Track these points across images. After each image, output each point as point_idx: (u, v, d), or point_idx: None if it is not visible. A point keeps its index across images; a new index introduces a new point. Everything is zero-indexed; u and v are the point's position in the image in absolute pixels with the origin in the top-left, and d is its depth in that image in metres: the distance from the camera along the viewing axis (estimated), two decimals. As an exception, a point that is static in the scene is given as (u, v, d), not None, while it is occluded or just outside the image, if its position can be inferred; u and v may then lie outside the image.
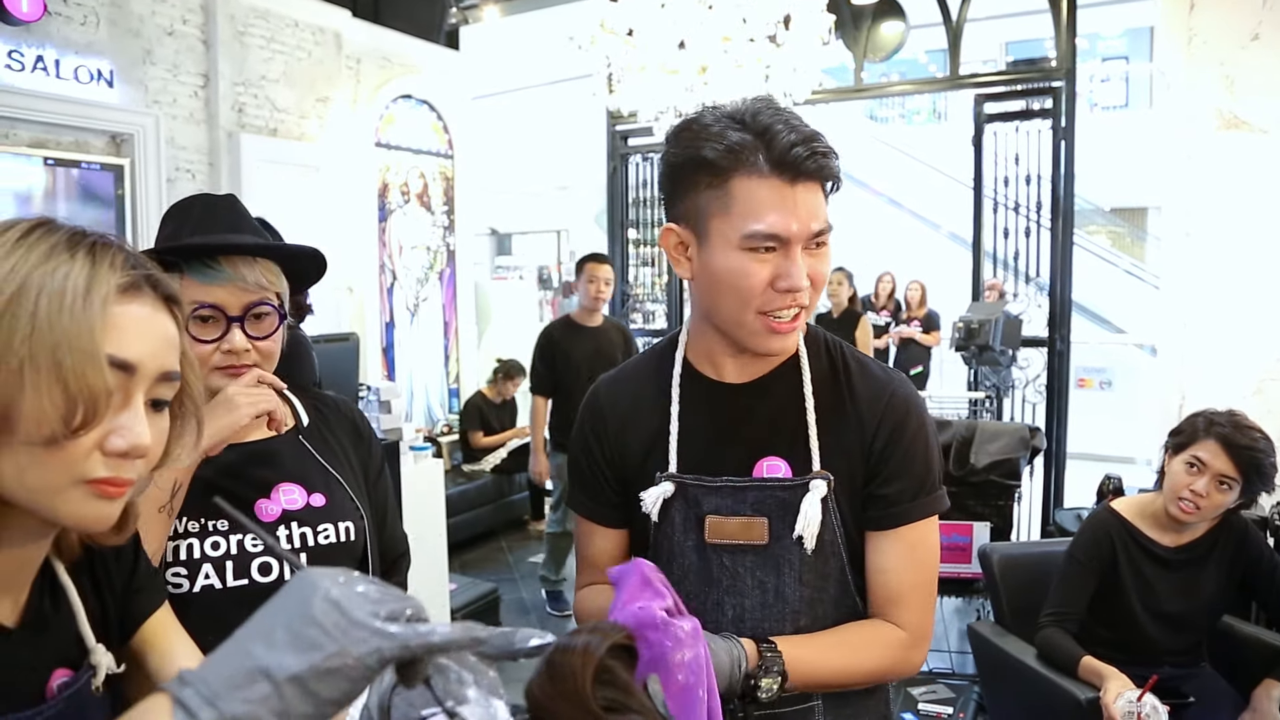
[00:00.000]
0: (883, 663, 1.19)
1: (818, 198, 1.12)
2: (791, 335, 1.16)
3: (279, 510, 1.31)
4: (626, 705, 0.61)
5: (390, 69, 5.71)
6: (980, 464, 3.22)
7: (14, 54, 3.83)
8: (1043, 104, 4.77)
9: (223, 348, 1.24)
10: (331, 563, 1.30)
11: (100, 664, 0.88)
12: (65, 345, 0.72)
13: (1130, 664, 2.19)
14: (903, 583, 1.20)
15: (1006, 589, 2.67)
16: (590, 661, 0.61)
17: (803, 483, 1.18)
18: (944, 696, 3.08)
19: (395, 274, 5.75)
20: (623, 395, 1.33)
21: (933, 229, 11.46)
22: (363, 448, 1.47)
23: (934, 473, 1.21)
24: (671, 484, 1.23)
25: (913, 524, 1.19)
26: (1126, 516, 2.40)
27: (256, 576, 1.26)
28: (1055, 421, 4.69)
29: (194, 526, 1.25)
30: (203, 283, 1.21)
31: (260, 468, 1.33)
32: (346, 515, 1.36)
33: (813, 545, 1.18)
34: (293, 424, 1.39)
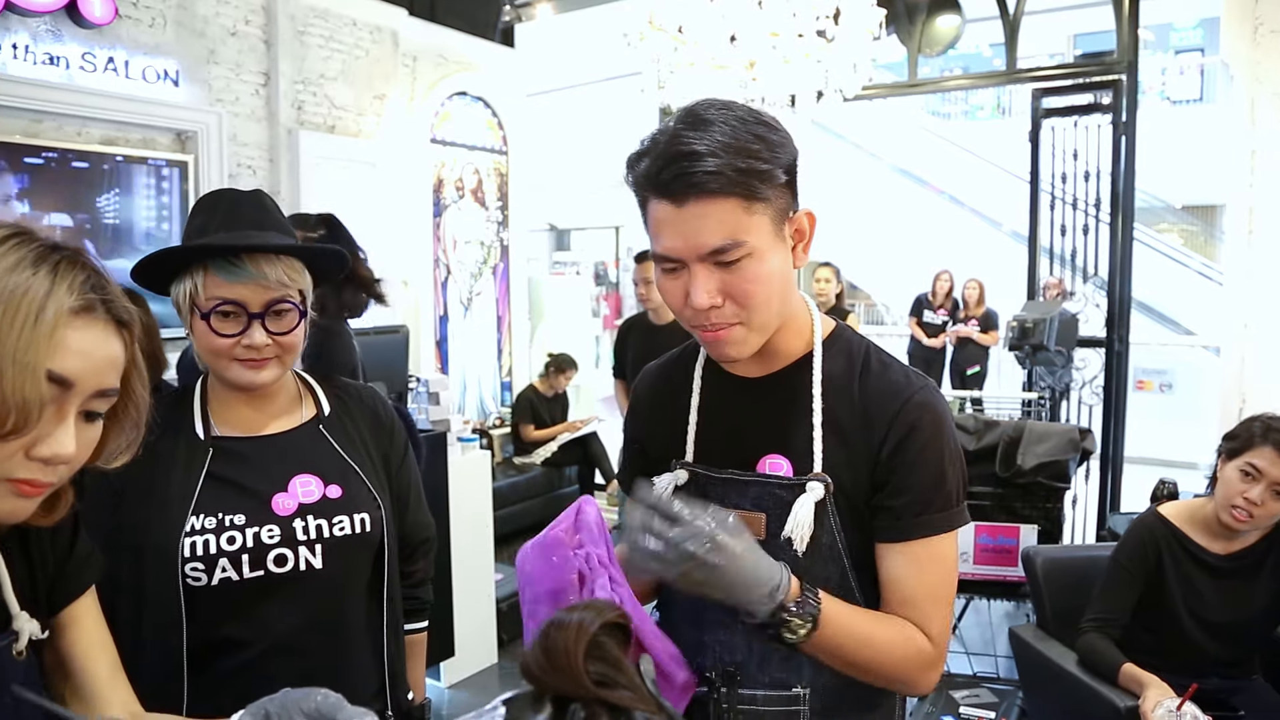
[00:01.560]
0: (902, 658, 1.14)
1: (715, 213, 1.05)
2: (729, 345, 1.13)
3: (295, 504, 1.32)
4: (616, 680, 0.63)
5: (446, 66, 5.79)
6: (1027, 465, 3.16)
7: (87, 56, 3.97)
8: (1103, 98, 4.66)
9: (243, 342, 1.26)
10: (348, 554, 1.34)
11: (23, 630, 0.93)
12: (9, 357, 0.78)
13: (1176, 673, 2.14)
14: (914, 596, 1.15)
15: (1050, 593, 2.63)
16: (583, 637, 0.64)
17: (800, 483, 1.16)
18: (987, 701, 3.03)
19: (449, 268, 5.84)
20: (655, 382, 1.37)
21: (994, 227, 11.25)
22: (383, 436, 1.48)
23: (947, 488, 1.15)
24: (685, 472, 1.25)
25: (921, 540, 1.15)
26: (1174, 522, 2.34)
27: (272, 567, 1.29)
28: (1112, 424, 4.59)
29: (210, 523, 1.27)
30: (225, 280, 1.25)
31: (277, 460, 1.35)
32: (363, 506, 1.37)
33: (803, 548, 1.15)
34: (314, 413, 1.42)
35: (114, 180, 4.10)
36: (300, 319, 1.31)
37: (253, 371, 1.29)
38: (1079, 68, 5.01)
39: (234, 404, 1.35)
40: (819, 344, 1.21)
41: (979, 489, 3.23)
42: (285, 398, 1.40)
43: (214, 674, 1.27)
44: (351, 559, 1.36)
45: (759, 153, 1.05)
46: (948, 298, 8.02)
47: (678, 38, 4.02)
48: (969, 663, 3.57)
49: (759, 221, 1.06)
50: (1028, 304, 4.83)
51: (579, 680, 0.62)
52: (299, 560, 1.30)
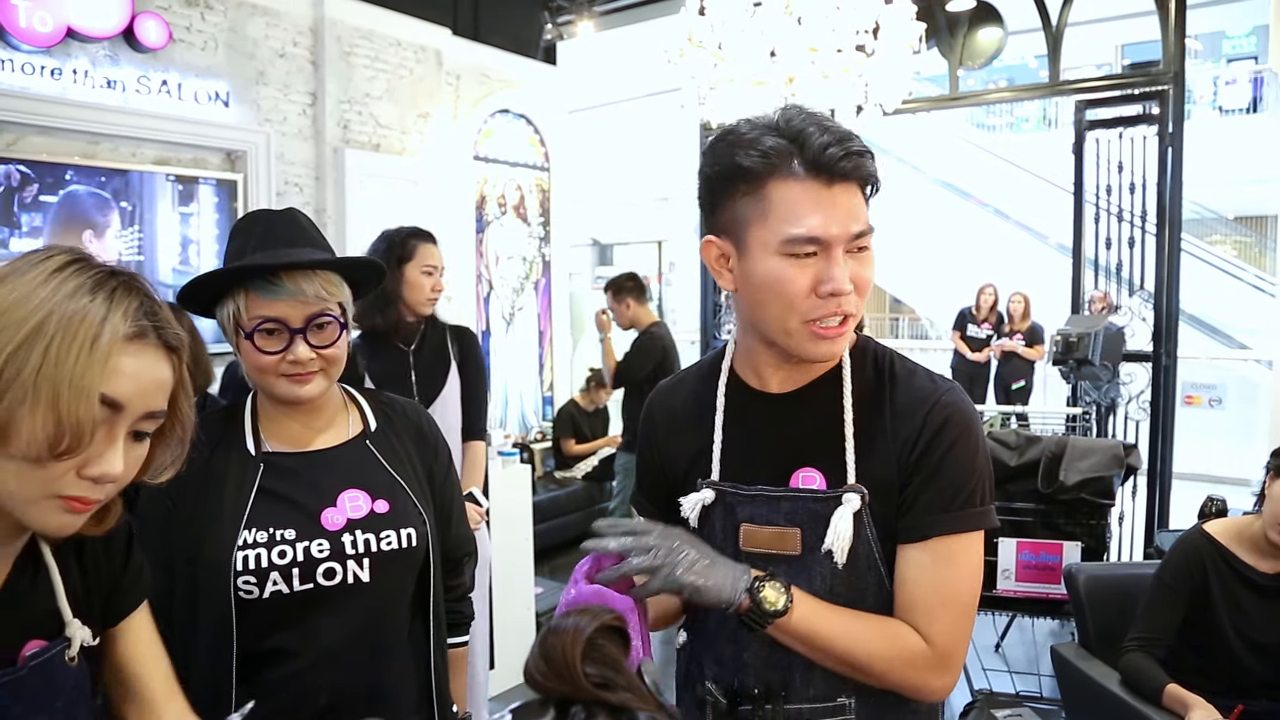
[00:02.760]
0: (891, 656, 1.14)
1: (857, 199, 1.10)
2: (839, 340, 1.14)
3: (344, 519, 1.35)
4: (615, 681, 0.64)
5: (489, 84, 5.88)
6: (1070, 481, 3.11)
7: (142, 79, 4.10)
8: (1150, 109, 4.60)
9: (288, 358, 1.29)
10: (394, 568, 1.38)
11: (75, 636, 0.97)
12: (65, 381, 0.83)
13: (1222, 695, 2.10)
14: (926, 594, 1.15)
15: (1093, 611, 2.59)
16: (579, 640, 0.65)
17: (835, 495, 1.16)
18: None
19: (492, 284, 5.90)
20: (672, 403, 1.37)
21: (1039, 240, 11.12)
22: (427, 451, 1.51)
23: (973, 488, 1.15)
24: (711, 491, 1.24)
25: (941, 537, 1.14)
26: (1221, 540, 2.30)
27: (321, 581, 1.32)
28: (1160, 440, 4.50)
29: (262, 537, 1.30)
30: (265, 298, 1.28)
31: (326, 475, 1.37)
32: (409, 521, 1.39)
33: (843, 560, 1.16)
34: (360, 429, 1.44)
35: (168, 199, 4.21)
36: (341, 331, 1.34)
37: (298, 385, 1.32)
38: (1124, 79, 4.95)
39: (283, 420, 1.38)
40: (848, 356, 1.22)
41: (1021, 505, 3.19)
42: (332, 412, 1.42)
43: (261, 683, 1.30)
44: (397, 573, 1.39)
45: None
46: (992, 311, 7.92)
47: (717, 54, 4.05)
48: (1012, 681, 3.52)
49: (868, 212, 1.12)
50: (1072, 318, 4.76)
51: (577, 682, 0.63)
52: (347, 574, 1.33)
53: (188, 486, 1.28)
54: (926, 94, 5.84)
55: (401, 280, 2.79)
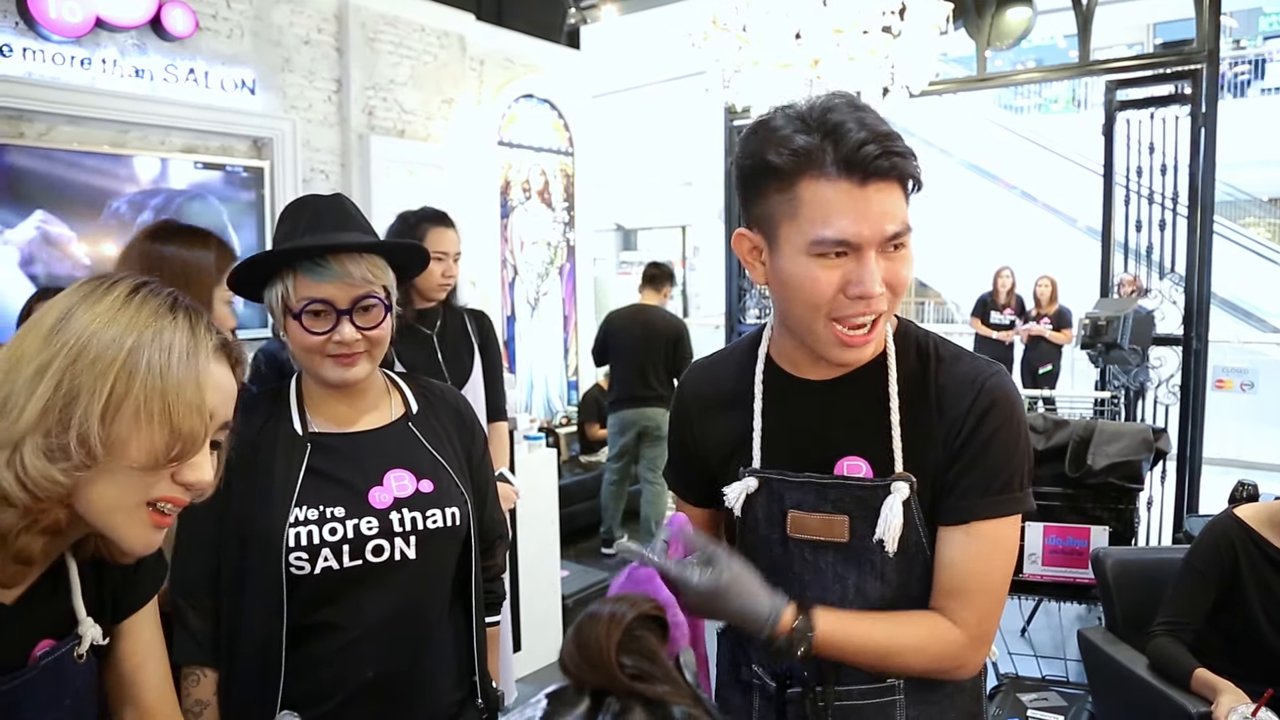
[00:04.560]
0: (929, 656, 1.17)
1: (894, 198, 1.07)
2: (866, 348, 1.13)
3: (390, 498, 1.38)
4: (651, 673, 0.63)
5: (513, 69, 5.88)
6: (1098, 466, 3.09)
7: (170, 68, 4.13)
8: (1181, 88, 4.52)
9: (334, 339, 1.32)
10: (439, 546, 1.41)
11: (86, 635, 1.00)
12: (175, 393, 0.89)
13: (1252, 680, 2.08)
14: (965, 578, 1.16)
15: (1120, 595, 2.57)
16: (616, 629, 0.63)
17: (884, 484, 1.16)
18: (1055, 705, 2.97)
19: (516, 269, 5.92)
20: (706, 385, 1.36)
21: (1069, 223, 10.99)
22: (465, 434, 1.54)
23: (1013, 472, 1.16)
24: (755, 479, 1.24)
25: (982, 521, 1.15)
26: (1251, 524, 2.28)
27: (370, 557, 1.35)
28: (1190, 424, 4.45)
29: (313, 514, 1.33)
30: (313, 280, 1.31)
31: (372, 455, 1.41)
32: (453, 500, 1.43)
33: (894, 548, 1.16)
34: (403, 411, 1.47)
35: (197, 186, 4.26)
36: (386, 313, 1.37)
37: (344, 368, 1.35)
38: (1155, 58, 4.87)
39: (328, 400, 1.41)
40: (892, 342, 1.21)
41: (1048, 489, 3.16)
42: (375, 394, 1.46)
43: (309, 656, 1.33)
44: (441, 551, 1.43)
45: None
46: (1010, 295, 7.85)
47: (742, 37, 4.03)
48: (1038, 666, 3.51)
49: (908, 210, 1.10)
50: (1100, 301, 4.71)
51: (612, 673, 0.61)
52: (394, 550, 1.37)
53: (238, 465, 1.29)
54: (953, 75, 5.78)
55: None
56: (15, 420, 0.85)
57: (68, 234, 3.84)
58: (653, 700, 0.61)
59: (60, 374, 0.85)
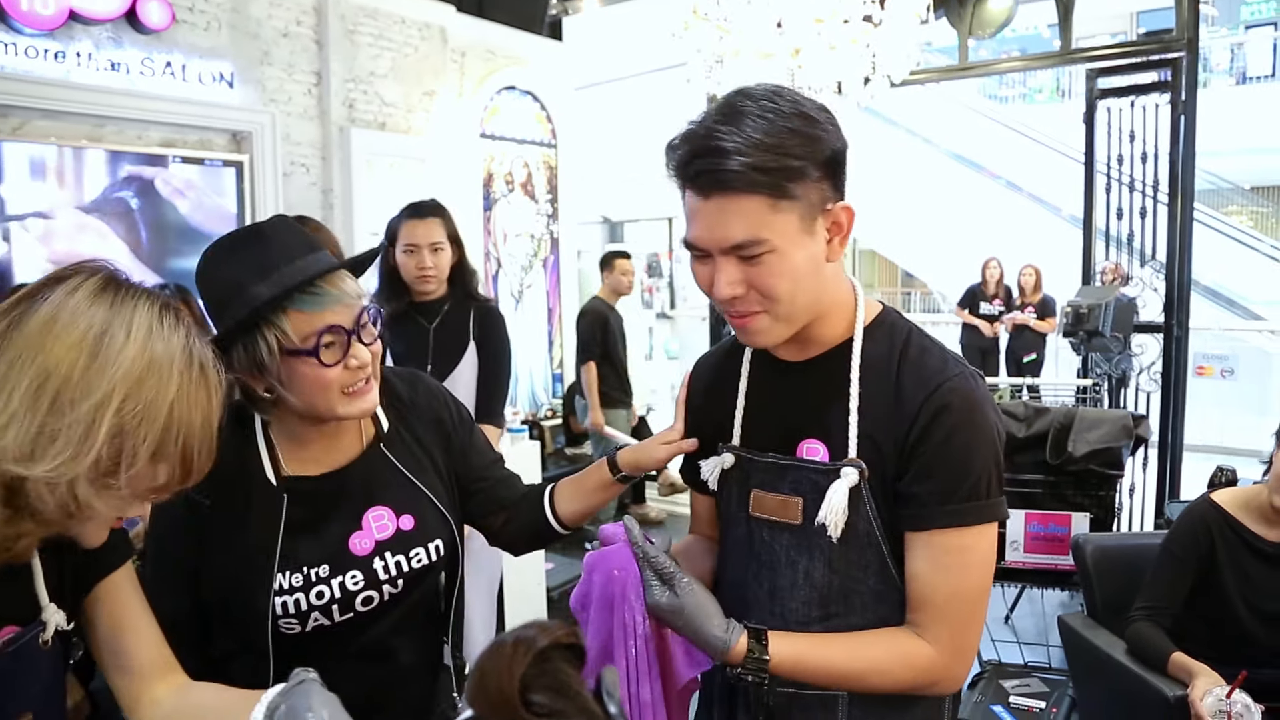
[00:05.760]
0: (899, 681, 1.15)
1: (739, 209, 1.05)
2: (760, 332, 1.14)
3: (371, 543, 1.31)
4: (563, 711, 0.58)
5: (494, 61, 5.85)
6: (1078, 452, 3.10)
7: (146, 61, 4.10)
8: (1163, 76, 4.54)
9: (349, 364, 1.21)
10: (425, 579, 1.37)
11: (50, 621, 0.99)
12: (194, 437, 0.91)
13: (1229, 664, 2.09)
14: (932, 591, 1.14)
15: (1100, 581, 2.59)
16: (521, 661, 0.58)
17: (834, 469, 1.16)
18: (1038, 690, 2.99)
19: (500, 261, 5.90)
20: (707, 371, 1.40)
21: (1053, 213, 11.02)
22: (442, 434, 1.45)
23: (975, 478, 1.12)
24: (731, 455, 1.27)
25: (945, 530, 1.12)
26: (1228, 509, 2.29)
27: (359, 608, 1.31)
28: (1171, 411, 4.47)
29: (297, 580, 1.26)
30: (314, 310, 1.18)
31: (349, 495, 1.33)
32: (436, 533, 1.37)
33: (837, 534, 1.15)
34: (373, 433, 1.38)
35: (176, 181, 4.22)
36: (379, 325, 1.28)
37: (361, 399, 1.25)
38: (1135, 46, 4.88)
39: (305, 442, 1.32)
40: (859, 330, 1.20)
41: (1029, 476, 3.18)
42: (352, 424, 1.35)
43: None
44: (428, 581, 1.39)
45: (791, 149, 1.04)
46: (999, 285, 7.87)
47: (722, 27, 4.01)
48: (1021, 652, 3.53)
49: (784, 219, 1.06)
50: (1082, 289, 4.73)
51: (513, 712, 0.56)
52: (383, 595, 1.33)
53: (206, 522, 1.25)
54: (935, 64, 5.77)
55: (394, 261, 2.78)
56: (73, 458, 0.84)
57: (46, 229, 3.80)
58: None
59: (117, 416, 0.85)
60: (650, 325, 10.22)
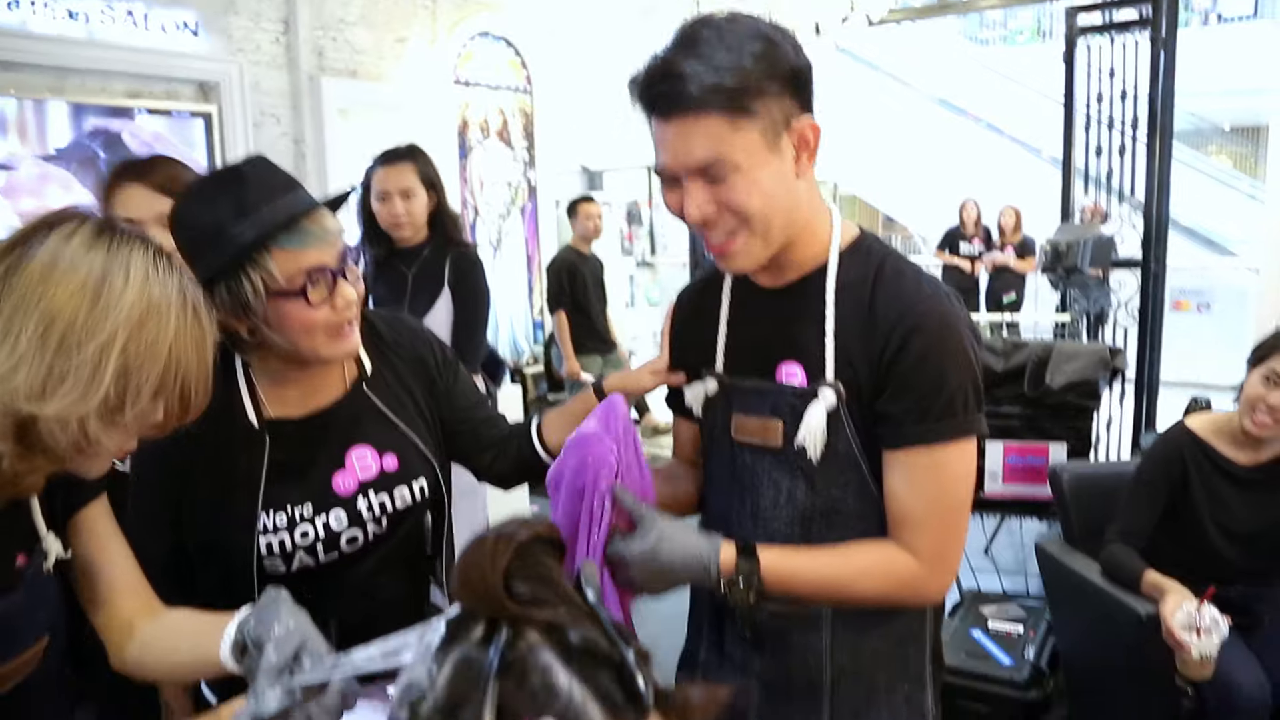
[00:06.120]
0: (884, 589, 1.17)
1: (701, 128, 1.06)
2: (740, 255, 1.14)
3: (355, 482, 1.32)
4: (545, 598, 0.58)
5: (467, 7, 5.74)
6: (1056, 384, 3.13)
7: (105, 10, 3.98)
8: (1144, 13, 4.50)
9: (336, 304, 1.20)
10: (410, 519, 1.38)
11: (50, 549, 1.03)
12: (192, 376, 0.94)
13: (1200, 583, 2.13)
14: (912, 506, 1.16)
15: (1077, 507, 2.63)
16: (503, 554, 0.58)
17: (812, 391, 1.17)
18: (1016, 616, 3.04)
19: (477, 210, 5.85)
20: (689, 301, 1.41)
21: (1033, 154, 10.99)
22: (426, 374, 1.45)
23: (951, 395, 1.13)
24: (714, 381, 1.29)
25: (921, 447, 1.14)
26: (1200, 434, 2.33)
27: (344, 548, 1.31)
28: (1148, 346, 4.50)
29: (281, 519, 1.27)
30: (299, 249, 1.17)
31: (332, 435, 1.33)
32: (419, 472, 1.37)
33: (817, 455, 1.17)
34: (355, 374, 1.38)
35: (143, 134, 4.15)
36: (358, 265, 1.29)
37: (345, 339, 1.25)
38: (1115, -20, 4.82)
39: (286, 383, 1.31)
40: (835, 252, 1.21)
41: (1007, 409, 3.21)
42: (333, 364, 1.35)
43: None
44: (413, 522, 1.40)
45: (748, 66, 1.05)
46: (977, 226, 7.88)
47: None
48: (1000, 581, 3.59)
49: (746, 137, 1.06)
50: (1062, 226, 4.74)
51: (499, 601, 0.57)
52: (368, 535, 1.33)
53: (193, 460, 1.25)
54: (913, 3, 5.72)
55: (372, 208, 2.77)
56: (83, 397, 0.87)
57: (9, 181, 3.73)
58: (550, 627, 0.57)
59: (122, 357, 0.88)
60: (631, 273, 10.17)
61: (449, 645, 0.58)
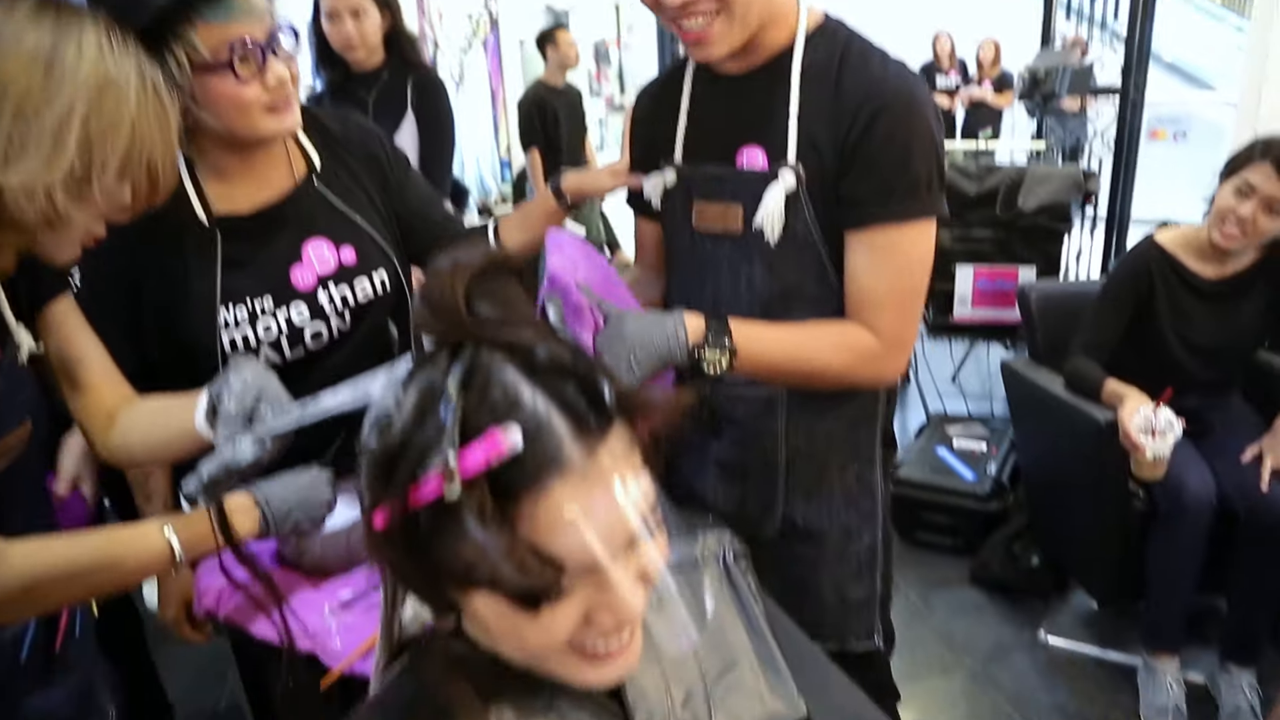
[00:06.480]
0: (845, 362, 1.19)
1: None
2: (717, 41, 1.12)
3: (314, 276, 1.31)
4: (508, 318, 0.58)
5: None
6: (1028, 207, 3.12)
7: None
8: None
9: (267, 82, 1.17)
10: (373, 315, 1.36)
11: (22, 342, 1.03)
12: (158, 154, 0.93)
13: (1159, 394, 2.18)
14: (873, 287, 1.17)
15: (1044, 327, 2.66)
16: (463, 275, 0.57)
17: (772, 173, 1.17)
18: (980, 435, 3.14)
19: (437, 43, 5.62)
20: (649, 98, 1.40)
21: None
22: (377, 172, 1.43)
23: (913, 175, 1.13)
24: (673, 171, 1.28)
25: (882, 226, 1.15)
26: (1169, 248, 2.33)
27: (310, 344, 1.31)
28: (1122, 175, 4.47)
29: (241, 313, 1.25)
30: (222, 22, 1.12)
31: (284, 229, 1.31)
32: (378, 264, 1.37)
33: (775, 237, 1.18)
34: (305, 169, 1.35)
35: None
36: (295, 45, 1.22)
37: (283, 115, 1.21)
38: None
39: (229, 178, 1.28)
40: (802, 35, 1.19)
41: (978, 232, 3.20)
42: (279, 156, 1.33)
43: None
44: (377, 318, 1.38)
45: None
46: (952, 59, 7.69)
47: None
48: (966, 405, 3.68)
49: None
50: (1041, 53, 4.63)
51: (458, 320, 0.56)
52: (332, 330, 1.33)
53: (140, 271, 1.23)
54: None
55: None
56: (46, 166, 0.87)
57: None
58: (512, 345, 0.57)
59: (84, 128, 0.87)
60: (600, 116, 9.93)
61: (415, 374, 0.59)
